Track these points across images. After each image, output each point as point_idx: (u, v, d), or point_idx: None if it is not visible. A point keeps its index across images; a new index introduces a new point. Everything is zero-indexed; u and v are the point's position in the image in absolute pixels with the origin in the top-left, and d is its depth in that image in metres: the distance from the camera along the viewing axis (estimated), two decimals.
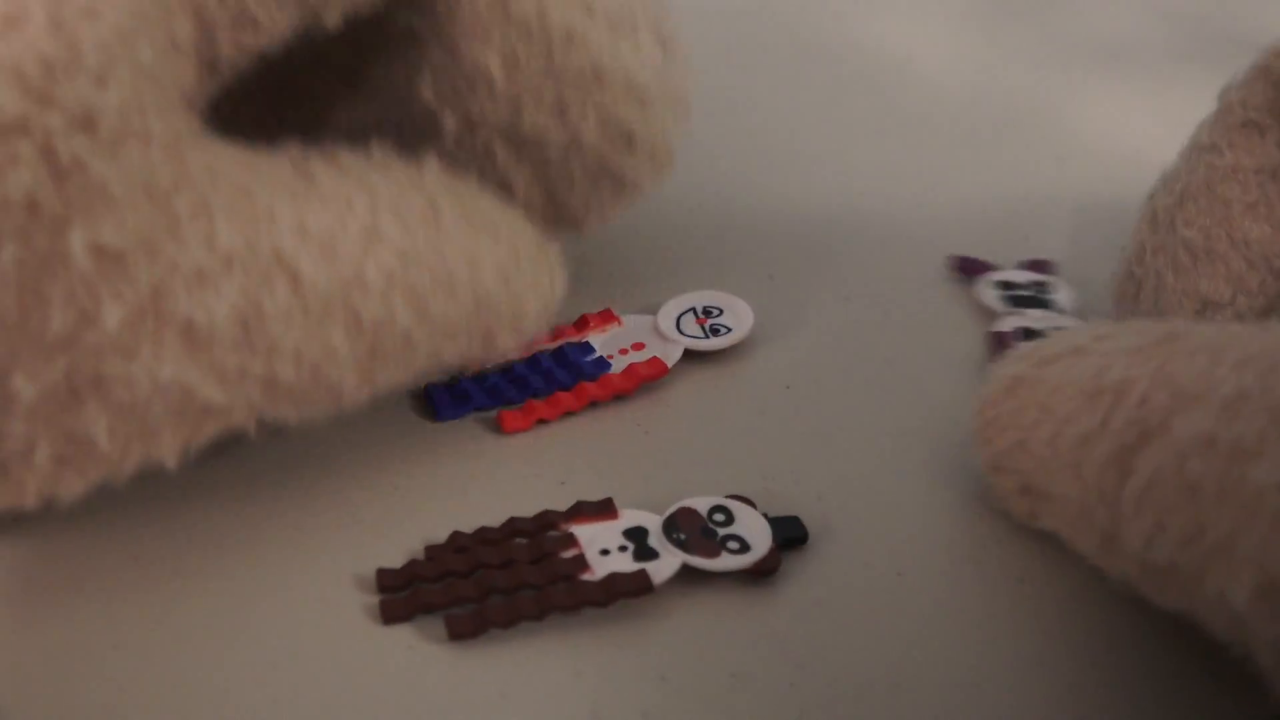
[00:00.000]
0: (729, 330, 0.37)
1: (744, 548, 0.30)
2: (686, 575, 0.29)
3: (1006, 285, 0.38)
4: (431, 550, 0.30)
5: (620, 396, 0.35)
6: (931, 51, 0.53)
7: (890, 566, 0.30)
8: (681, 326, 0.37)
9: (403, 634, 0.29)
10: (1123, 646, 0.29)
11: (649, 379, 0.35)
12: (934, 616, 0.29)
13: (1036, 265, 0.40)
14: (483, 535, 0.30)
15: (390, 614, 0.29)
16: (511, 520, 0.31)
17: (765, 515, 0.31)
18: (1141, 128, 0.48)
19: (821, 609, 0.29)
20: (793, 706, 0.27)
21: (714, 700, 0.27)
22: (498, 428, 0.34)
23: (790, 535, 0.30)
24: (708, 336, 0.36)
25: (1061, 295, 0.38)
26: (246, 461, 0.33)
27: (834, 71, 0.52)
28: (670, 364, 0.35)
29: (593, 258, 0.40)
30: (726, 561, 0.29)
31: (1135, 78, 0.52)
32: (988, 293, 0.38)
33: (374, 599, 0.29)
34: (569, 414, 0.34)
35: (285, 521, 0.31)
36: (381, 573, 0.29)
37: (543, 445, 0.33)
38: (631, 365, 0.35)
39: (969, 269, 0.40)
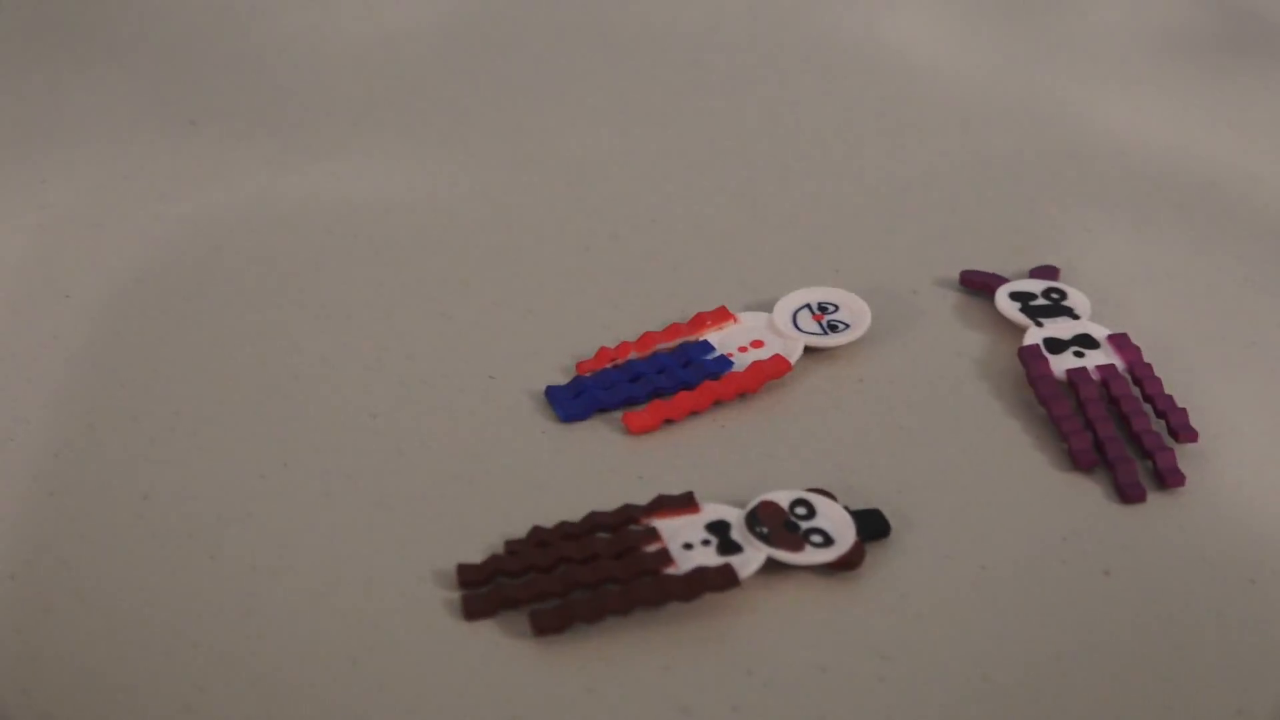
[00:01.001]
0: (847, 326, 0.36)
1: (827, 541, 0.29)
2: (767, 568, 0.29)
3: (1022, 296, 0.37)
4: (512, 545, 0.30)
5: (744, 395, 0.34)
6: (968, 53, 0.53)
7: (974, 559, 0.30)
8: (798, 322, 0.36)
9: (485, 630, 0.28)
10: (1210, 637, 0.28)
11: (773, 376, 0.34)
12: (1020, 609, 0.29)
13: (1044, 272, 0.39)
14: (564, 529, 0.30)
15: (472, 610, 0.28)
16: (592, 514, 0.30)
17: (847, 508, 0.30)
18: (1169, 126, 0.48)
19: (907, 602, 0.29)
20: (883, 699, 0.27)
21: (804, 693, 0.27)
22: (623, 428, 0.33)
23: (873, 528, 0.30)
24: (826, 333, 0.36)
25: (1076, 300, 0.37)
26: (320, 459, 0.32)
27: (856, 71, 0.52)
28: (793, 360, 0.35)
29: (698, 255, 0.40)
30: (811, 555, 0.29)
31: (1163, 75, 0.51)
32: (1007, 305, 0.37)
33: (454, 594, 0.29)
34: (694, 414, 0.34)
35: (362, 519, 0.31)
36: (462, 568, 0.29)
37: (616, 440, 0.33)
38: (755, 363, 0.34)
39: (980, 283, 0.38)
